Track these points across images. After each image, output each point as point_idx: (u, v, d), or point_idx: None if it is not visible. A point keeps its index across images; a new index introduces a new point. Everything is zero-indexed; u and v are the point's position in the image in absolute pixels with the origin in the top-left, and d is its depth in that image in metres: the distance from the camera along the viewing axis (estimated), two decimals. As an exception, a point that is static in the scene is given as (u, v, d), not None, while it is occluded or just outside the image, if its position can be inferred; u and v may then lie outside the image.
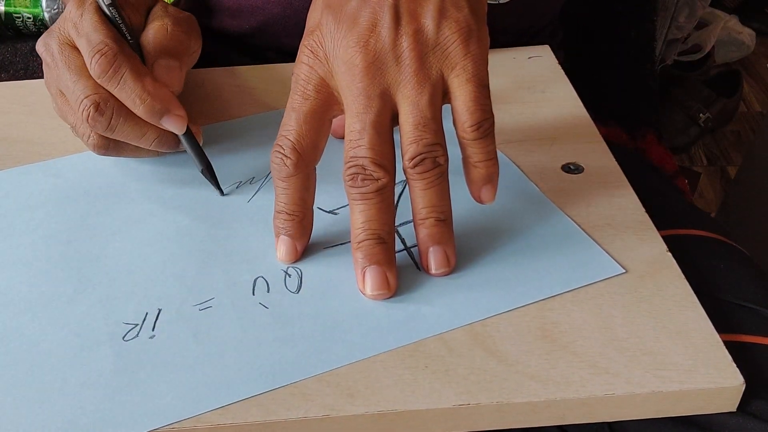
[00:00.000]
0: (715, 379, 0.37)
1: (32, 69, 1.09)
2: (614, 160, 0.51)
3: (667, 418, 0.40)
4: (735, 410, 0.38)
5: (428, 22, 0.40)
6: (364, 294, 0.42)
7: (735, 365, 0.38)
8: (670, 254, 0.44)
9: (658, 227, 0.46)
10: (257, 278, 0.43)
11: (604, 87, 0.80)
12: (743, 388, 0.37)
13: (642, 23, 0.81)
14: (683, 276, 0.43)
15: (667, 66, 1.70)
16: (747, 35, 1.91)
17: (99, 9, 0.47)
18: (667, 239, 0.45)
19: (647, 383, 0.37)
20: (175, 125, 0.47)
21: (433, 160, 0.40)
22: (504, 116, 0.54)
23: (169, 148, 0.49)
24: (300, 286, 0.42)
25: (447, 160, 0.41)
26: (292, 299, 0.42)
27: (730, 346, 0.39)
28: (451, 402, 0.37)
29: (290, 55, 0.65)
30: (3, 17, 1.15)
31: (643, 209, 0.47)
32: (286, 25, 0.65)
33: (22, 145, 0.54)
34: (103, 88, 0.46)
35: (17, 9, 1.21)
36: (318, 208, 0.45)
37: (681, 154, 1.69)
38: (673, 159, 0.79)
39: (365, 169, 0.40)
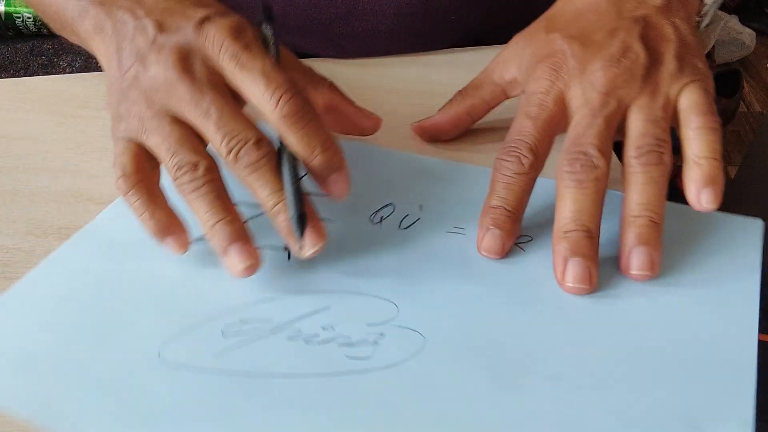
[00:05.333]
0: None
1: (32, 69, 1.09)
2: (615, 157, 0.51)
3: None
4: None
5: (670, 58, 0.44)
6: (562, 285, 0.40)
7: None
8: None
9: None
10: None
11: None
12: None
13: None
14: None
15: (667, 66, 1.70)
16: (747, 35, 1.91)
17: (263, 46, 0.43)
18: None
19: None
20: (341, 187, 0.42)
21: (660, 155, 0.41)
22: (506, 115, 0.54)
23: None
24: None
25: (671, 163, 0.41)
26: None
27: (733, 342, 0.38)
28: None
29: (291, 54, 0.66)
30: (3, 17, 1.16)
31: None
32: (286, 23, 0.65)
33: (22, 143, 0.54)
34: (261, 131, 0.41)
35: (17, 9, 1.22)
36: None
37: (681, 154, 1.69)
38: (673, 159, 0.79)
39: (587, 155, 0.40)
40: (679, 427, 0.34)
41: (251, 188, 0.40)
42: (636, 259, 0.40)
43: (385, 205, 0.47)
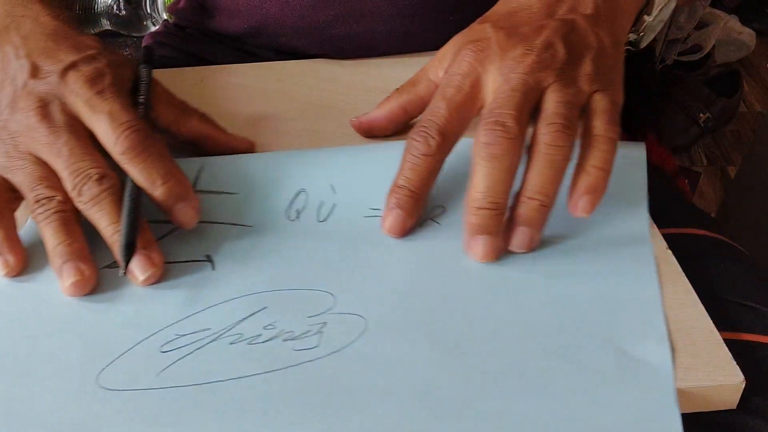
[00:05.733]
0: (715, 377, 0.37)
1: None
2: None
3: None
4: (735, 408, 0.38)
5: (587, 62, 0.45)
6: (469, 255, 0.43)
7: (735, 362, 0.38)
8: (670, 251, 0.44)
9: (658, 226, 0.46)
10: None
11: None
12: (743, 385, 0.37)
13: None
14: (683, 273, 0.43)
15: (667, 66, 1.70)
16: (747, 35, 1.91)
17: (121, 89, 0.46)
18: (667, 238, 0.45)
19: (647, 381, 0.37)
20: (187, 215, 0.44)
21: (567, 137, 0.42)
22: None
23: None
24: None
25: (572, 149, 0.42)
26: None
27: (731, 344, 0.39)
28: None
29: (288, 55, 0.66)
30: (2, 18, 1.15)
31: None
32: (284, 25, 0.65)
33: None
34: (108, 167, 0.43)
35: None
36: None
37: (681, 154, 1.69)
38: (673, 159, 0.79)
39: (505, 126, 0.41)
40: (606, 354, 0.38)
41: (92, 221, 0.43)
42: (517, 238, 0.43)
43: (298, 194, 0.47)
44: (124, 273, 0.42)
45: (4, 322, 0.40)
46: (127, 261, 0.41)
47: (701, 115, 1.68)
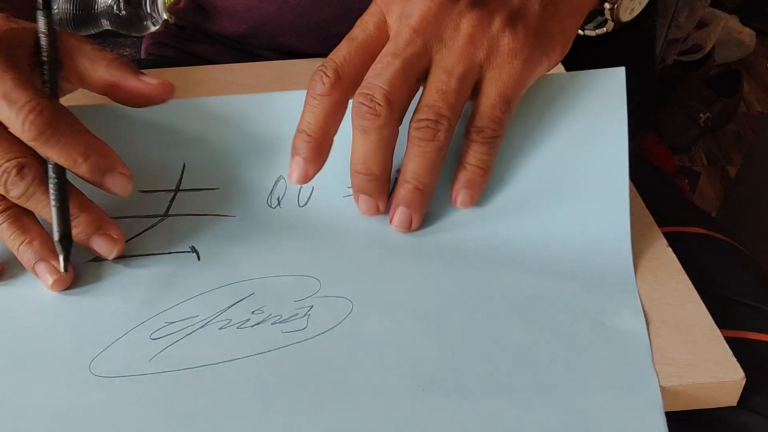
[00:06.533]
0: (716, 374, 0.37)
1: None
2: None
3: (667, 413, 0.40)
4: (735, 404, 0.38)
5: (497, 21, 0.42)
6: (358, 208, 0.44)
7: (735, 359, 0.38)
8: (670, 249, 0.44)
9: (658, 225, 0.46)
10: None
11: (604, 86, 0.79)
12: (743, 382, 0.37)
13: (642, 23, 0.80)
14: (683, 270, 0.43)
15: (667, 66, 1.70)
16: (747, 35, 1.91)
17: (7, 60, 0.41)
18: (667, 237, 0.45)
19: (647, 378, 0.37)
20: (120, 185, 0.42)
21: (434, 132, 0.41)
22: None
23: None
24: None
25: (448, 138, 0.42)
26: None
27: (731, 341, 0.39)
28: None
29: (287, 54, 0.66)
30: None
31: (643, 204, 0.47)
32: (282, 24, 0.65)
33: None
34: (24, 152, 0.41)
35: (17, 10, 1.21)
36: None
37: (681, 154, 1.69)
38: (673, 159, 0.79)
39: (373, 100, 0.40)
40: (582, 325, 0.39)
41: (35, 212, 0.41)
42: (397, 218, 0.44)
43: (277, 180, 0.47)
44: (65, 270, 0.40)
45: None
46: (67, 253, 0.40)
47: (701, 114, 1.68)
